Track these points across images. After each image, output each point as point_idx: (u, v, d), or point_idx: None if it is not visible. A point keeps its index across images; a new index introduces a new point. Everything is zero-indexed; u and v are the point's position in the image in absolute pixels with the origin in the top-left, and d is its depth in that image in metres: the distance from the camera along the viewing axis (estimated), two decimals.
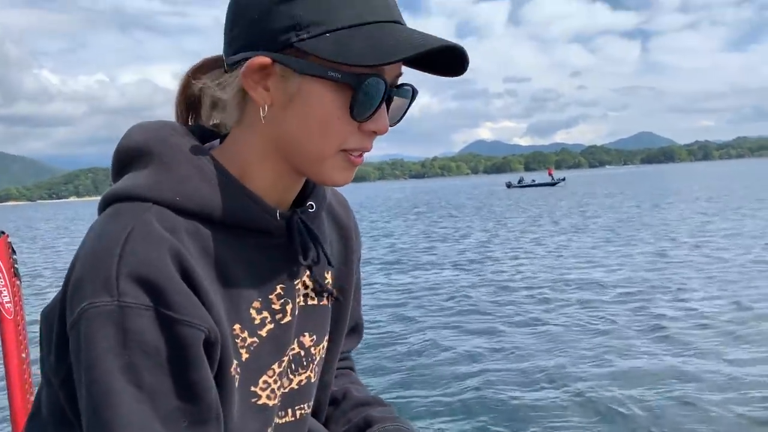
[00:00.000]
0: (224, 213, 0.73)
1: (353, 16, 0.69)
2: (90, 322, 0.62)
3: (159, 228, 0.68)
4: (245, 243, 0.76)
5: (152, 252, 0.65)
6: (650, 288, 9.08)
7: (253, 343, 0.77)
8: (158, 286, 0.64)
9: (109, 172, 0.79)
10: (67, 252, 21.41)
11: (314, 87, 0.70)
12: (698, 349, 6.10)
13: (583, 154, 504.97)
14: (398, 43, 0.68)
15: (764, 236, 13.68)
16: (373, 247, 17.06)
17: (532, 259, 12.97)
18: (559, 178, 68.84)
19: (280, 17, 0.69)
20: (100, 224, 0.70)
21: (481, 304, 8.83)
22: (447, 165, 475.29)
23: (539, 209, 28.97)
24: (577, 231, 17.82)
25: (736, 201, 25.48)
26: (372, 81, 0.69)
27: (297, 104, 0.72)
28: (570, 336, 6.91)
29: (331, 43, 0.68)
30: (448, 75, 0.76)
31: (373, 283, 11.15)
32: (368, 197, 68.19)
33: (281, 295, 0.80)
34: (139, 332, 0.62)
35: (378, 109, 0.72)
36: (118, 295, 0.62)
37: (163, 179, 0.72)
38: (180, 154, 0.75)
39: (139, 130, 0.78)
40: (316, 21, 0.68)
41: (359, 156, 0.76)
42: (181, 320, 0.64)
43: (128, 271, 0.63)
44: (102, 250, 0.65)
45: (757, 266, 10.15)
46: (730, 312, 7.43)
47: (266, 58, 0.70)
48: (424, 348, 6.85)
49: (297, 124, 0.73)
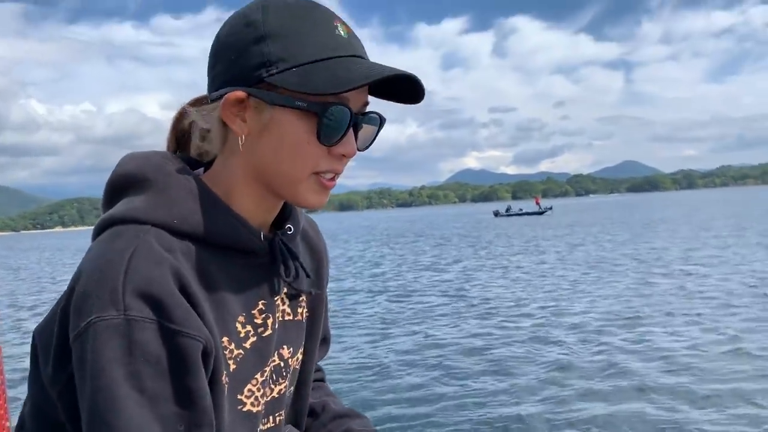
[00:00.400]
0: (215, 234, 0.80)
1: (315, 53, 0.77)
2: (97, 334, 0.67)
3: (159, 248, 0.74)
4: (232, 262, 0.83)
5: (155, 270, 0.71)
6: (630, 318, 9.01)
7: (239, 355, 0.82)
8: (161, 301, 0.69)
9: (96, 201, 1.03)
10: (46, 281, 21.11)
11: (284, 116, 0.78)
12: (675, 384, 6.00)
13: (570, 182, 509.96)
14: (353, 73, 0.76)
15: (745, 265, 13.69)
16: (360, 275, 16.95)
17: (519, 287, 12.87)
18: (547, 206, 69.19)
19: (253, 56, 0.78)
20: (102, 244, 0.75)
21: (461, 331, 8.71)
22: (434, 194, 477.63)
23: (527, 238, 28.98)
24: (564, 260, 17.79)
25: (723, 229, 25.63)
26: (335, 109, 0.77)
27: (270, 132, 0.79)
28: (550, 363, 6.81)
29: (295, 76, 0.76)
30: (408, 102, 0.84)
31: (357, 310, 11.00)
32: (356, 225, 68.11)
33: (263, 310, 0.86)
34: (144, 343, 0.67)
35: (345, 135, 0.80)
36: (124, 309, 0.67)
37: (160, 203, 0.79)
38: (174, 180, 0.81)
39: (132, 158, 0.85)
40: (283, 58, 0.77)
41: (331, 179, 0.83)
42: (182, 332, 0.70)
43: (133, 287, 0.69)
44: (108, 267, 0.70)
45: (736, 296, 10.12)
46: (707, 343, 7.36)
47: (242, 93, 0.78)
48: (404, 371, 6.78)
49: (271, 151, 0.80)
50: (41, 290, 18.98)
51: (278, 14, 0.79)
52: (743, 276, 12.18)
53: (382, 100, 0.86)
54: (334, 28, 0.80)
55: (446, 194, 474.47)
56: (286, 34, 0.78)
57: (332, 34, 0.80)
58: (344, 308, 11.70)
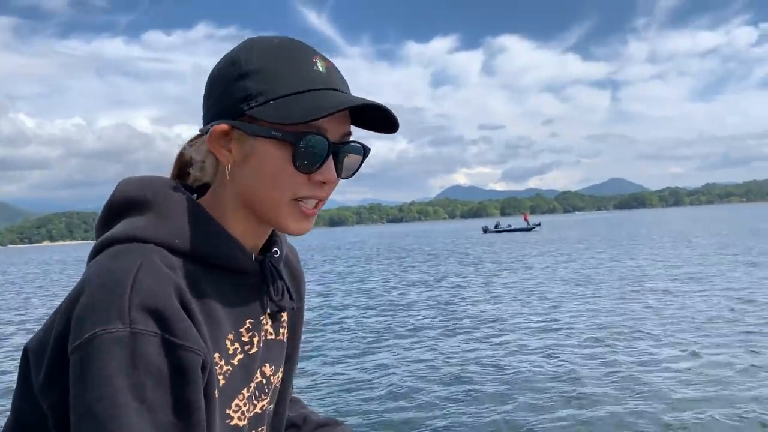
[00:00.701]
0: (212, 255, 0.85)
1: (291, 87, 0.83)
2: (103, 346, 0.69)
3: (162, 265, 0.77)
4: (224, 281, 0.87)
5: (159, 286, 0.74)
6: (612, 333, 9.26)
7: (228, 371, 0.86)
8: (164, 316, 0.73)
9: (85, 216, 1.19)
10: (32, 296, 21.09)
11: (263, 146, 0.83)
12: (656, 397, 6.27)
13: (558, 199, 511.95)
14: (323, 103, 0.81)
15: (724, 283, 14.06)
16: (347, 291, 17.13)
17: (506, 303, 13.12)
18: (535, 223, 69.47)
19: (237, 91, 0.84)
20: (107, 261, 0.78)
21: (448, 347, 8.90)
22: (424, 209, 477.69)
23: (514, 254, 29.32)
24: (551, 276, 18.09)
25: (707, 247, 26.03)
26: (311, 137, 0.83)
27: (252, 161, 0.85)
28: (532, 380, 7.02)
29: (272, 108, 0.82)
30: (386, 132, 0.91)
31: (346, 324, 11.20)
32: (345, 241, 68.00)
33: (250, 328, 0.91)
34: (147, 355, 0.70)
35: (324, 162, 0.85)
36: (130, 322, 0.70)
37: (161, 224, 0.83)
38: (174, 203, 0.86)
39: (132, 182, 0.89)
40: (262, 92, 0.83)
41: (313, 207, 0.88)
42: (184, 345, 0.73)
43: (139, 301, 0.72)
44: (114, 282, 0.73)
45: (712, 313, 10.45)
46: (684, 360, 7.60)
47: (225, 125, 0.84)
48: (387, 387, 6.93)
49: (253, 178, 0.85)
50: (26, 305, 19.00)
51: (261, 53, 0.85)
52: (720, 293, 12.51)
53: (366, 130, 0.91)
54: (312, 63, 0.86)
55: (436, 210, 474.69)
56: (266, 71, 0.84)
57: (309, 69, 0.85)
58: (330, 323, 11.90)
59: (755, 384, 6.44)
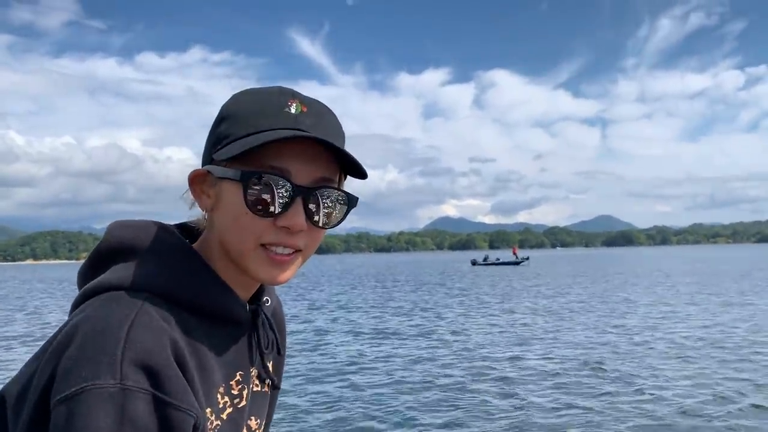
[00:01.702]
0: (208, 305, 0.81)
1: (251, 127, 0.80)
2: (90, 401, 0.65)
3: (158, 317, 0.73)
4: (217, 332, 0.83)
5: (154, 340, 0.70)
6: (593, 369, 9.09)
7: (218, 426, 0.82)
8: (158, 373, 0.68)
9: (71, 235, 1.18)
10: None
11: (226, 188, 0.80)
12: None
13: (546, 234, 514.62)
14: (263, 137, 0.77)
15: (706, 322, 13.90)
16: (333, 319, 16.85)
17: (489, 334, 12.90)
18: (524, 257, 69.53)
19: (211, 137, 0.84)
20: (98, 309, 0.73)
21: (435, 378, 8.75)
22: (412, 240, 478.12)
23: (503, 287, 29.10)
24: (535, 311, 17.88)
25: (692, 285, 26.02)
26: (264, 176, 0.77)
27: (220, 205, 0.82)
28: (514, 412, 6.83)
29: (225, 149, 0.80)
30: (357, 177, 0.85)
31: (327, 351, 11.00)
32: (332, 269, 67.80)
33: (239, 381, 0.86)
34: (136, 413, 0.66)
35: (289, 206, 0.78)
36: (120, 378, 0.66)
37: (156, 272, 0.79)
38: (170, 250, 0.83)
39: (126, 227, 0.85)
40: (227, 135, 0.81)
41: (285, 255, 0.81)
42: (176, 405, 0.69)
43: (132, 356, 0.68)
44: (106, 333, 0.69)
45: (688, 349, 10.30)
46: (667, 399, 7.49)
47: (200, 171, 0.83)
48: (365, 409, 6.80)
49: (221, 223, 0.82)
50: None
51: (240, 98, 0.84)
52: (698, 332, 12.39)
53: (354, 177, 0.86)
54: (285, 105, 0.81)
55: (424, 241, 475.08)
56: (236, 114, 0.82)
57: (278, 111, 0.81)
58: (313, 348, 11.66)
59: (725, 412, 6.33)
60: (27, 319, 19.76)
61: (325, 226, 0.84)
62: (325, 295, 27.63)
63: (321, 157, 0.81)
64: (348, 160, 0.81)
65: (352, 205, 0.86)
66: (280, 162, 0.78)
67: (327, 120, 0.85)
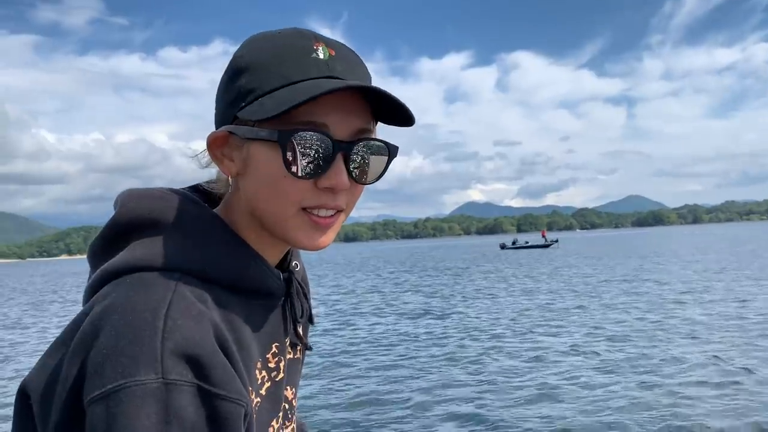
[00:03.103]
0: (245, 279, 0.75)
1: (281, 79, 0.71)
2: (130, 400, 0.60)
3: (194, 300, 0.67)
4: (252, 306, 0.77)
5: (195, 327, 0.65)
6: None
7: (257, 404, 0.76)
8: (202, 363, 0.63)
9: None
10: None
11: (257, 150, 0.72)
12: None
13: (575, 216, 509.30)
14: (301, 92, 0.69)
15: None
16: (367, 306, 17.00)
17: (531, 323, 12.88)
18: (553, 239, 68.98)
19: (230, 93, 0.75)
20: (127, 293, 0.67)
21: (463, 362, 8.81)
22: (439, 226, 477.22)
23: (536, 269, 29.00)
24: (564, 294, 17.74)
25: (731, 267, 25.55)
26: (303, 135, 0.70)
27: (250, 169, 0.74)
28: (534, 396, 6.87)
29: (256, 106, 0.71)
30: (403, 125, 0.77)
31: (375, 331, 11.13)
32: (360, 256, 67.97)
33: (276, 353, 0.81)
34: (182, 409, 0.61)
35: (330, 165, 0.72)
36: (162, 372, 0.61)
37: (188, 248, 0.72)
38: (199, 222, 0.75)
39: (142, 197, 0.77)
40: (251, 89, 0.72)
41: (328, 217, 0.75)
42: (225, 396, 0.64)
43: (173, 347, 0.62)
44: (141, 322, 0.63)
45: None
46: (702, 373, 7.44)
47: (221, 132, 0.75)
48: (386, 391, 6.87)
49: (254, 188, 0.75)
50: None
51: (255, 45, 0.76)
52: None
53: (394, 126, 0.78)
54: (311, 50, 0.73)
55: (451, 226, 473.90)
56: (257, 65, 0.73)
57: (307, 57, 0.73)
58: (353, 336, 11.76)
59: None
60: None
61: (368, 181, 0.78)
62: (362, 282, 27.72)
63: (358, 107, 0.73)
64: (395, 104, 0.73)
65: (393, 155, 0.79)
66: (317, 116, 0.71)
67: (357, 63, 0.78)
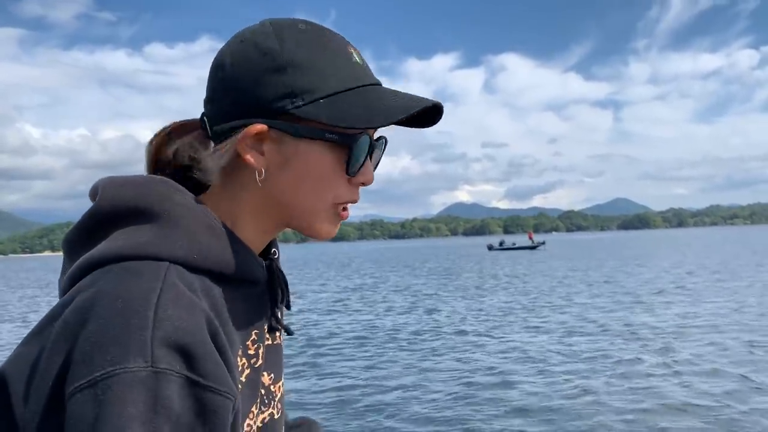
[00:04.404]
0: (232, 268, 0.75)
1: (340, 83, 0.75)
2: (119, 386, 0.59)
3: (185, 290, 0.67)
4: (237, 294, 0.77)
5: (187, 317, 0.64)
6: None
7: (239, 391, 0.75)
8: (193, 353, 0.63)
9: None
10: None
11: (311, 148, 0.75)
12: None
13: (561, 218, 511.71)
14: (389, 107, 0.75)
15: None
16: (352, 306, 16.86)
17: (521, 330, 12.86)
18: (539, 241, 69.27)
19: (273, 87, 0.74)
20: (115, 281, 0.66)
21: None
22: (426, 226, 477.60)
23: (522, 271, 29.07)
24: (550, 299, 17.76)
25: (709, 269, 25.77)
26: (363, 139, 0.77)
27: (294, 165, 0.76)
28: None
29: (326, 108, 0.74)
30: (422, 127, 0.83)
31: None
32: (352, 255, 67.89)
33: (255, 340, 0.81)
34: (170, 398, 0.60)
35: (364, 163, 0.79)
36: (152, 360, 0.60)
37: (176, 237, 0.72)
38: (185, 210, 0.74)
39: (126, 185, 0.75)
40: (309, 89, 0.74)
41: (346, 209, 0.82)
42: (214, 388, 0.63)
43: (163, 336, 0.62)
44: (131, 311, 0.62)
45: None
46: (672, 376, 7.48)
47: (263, 126, 0.74)
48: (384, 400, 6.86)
49: (293, 183, 0.77)
50: None
51: (295, 42, 0.76)
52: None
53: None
54: (350, 55, 0.79)
55: (438, 227, 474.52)
56: (307, 64, 0.75)
57: (350, 62, 0.78)
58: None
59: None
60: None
61: None
62: (343, 283, 27.65)
63: None
64: (440, 115, 0.81)
65: (385, 147, 0.87)
66: None
67: None
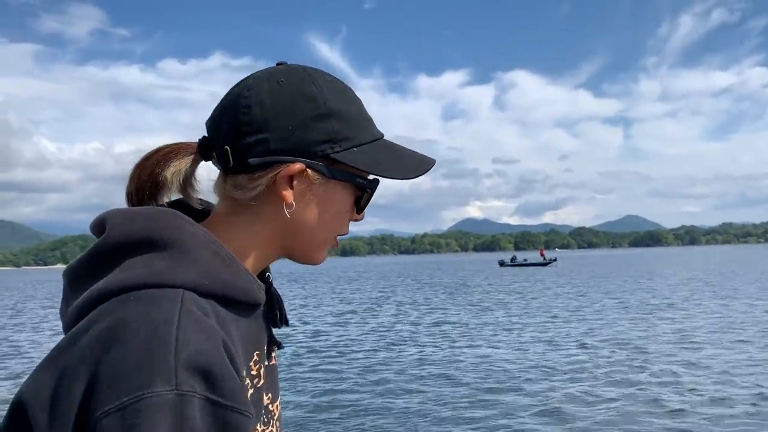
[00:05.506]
0: (239, 293, 0.79)
1: (369, 135, 0.86)
2: (147, 412, 0.61)
3: (201, 314, 0.70)
4: (242, 317, 0.81)
5: (206, 341, 0.67)
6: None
7: None
8: (213, 375, 0.66)
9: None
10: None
11: (338, 188, 0.85)
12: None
13: (572, 235, 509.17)
14: (414, 162, 0.88)
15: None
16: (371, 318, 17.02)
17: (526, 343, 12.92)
18: (551, 258, 69.04)
19: (317, 131, 0.82)
20: (134, 309, 0.69)
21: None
22: (437, 241, 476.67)
23: (536, 286, 29.00)
24: (556, 315, 17.79)
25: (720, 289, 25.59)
26: (378, 184, 0.88)
27: (319, 201, 0.84)
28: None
29: (362, 156, 0.84)
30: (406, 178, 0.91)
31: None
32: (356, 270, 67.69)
33: (257, 361, 0.85)
34: (193, 418, 0.63)
35: None
36: (176, 384, 0.63)
37: (188, 264, 0.75)
38: (196, 240, 0.78)
39: (134, 217, 0.78)
40: (347, 137, 0.83)
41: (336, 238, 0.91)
42: (233, 407, 0.66)
43: (185, 359, 0.64)
44: (154, 338, 0.65)
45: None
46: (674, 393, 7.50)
47: (302, 165, 0.81)
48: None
49: (315, 218, 0.85)
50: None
51: (330, 91, 0.85)
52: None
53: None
54: (364, 106, 0.89)
55: (448, 242, 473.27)
56: (345, 115, 0.84)
57: (368, 114, 0.89)
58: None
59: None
60: None
61: None
62: (344, 294, 27.62)
63: None
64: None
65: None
66: None
67: None
